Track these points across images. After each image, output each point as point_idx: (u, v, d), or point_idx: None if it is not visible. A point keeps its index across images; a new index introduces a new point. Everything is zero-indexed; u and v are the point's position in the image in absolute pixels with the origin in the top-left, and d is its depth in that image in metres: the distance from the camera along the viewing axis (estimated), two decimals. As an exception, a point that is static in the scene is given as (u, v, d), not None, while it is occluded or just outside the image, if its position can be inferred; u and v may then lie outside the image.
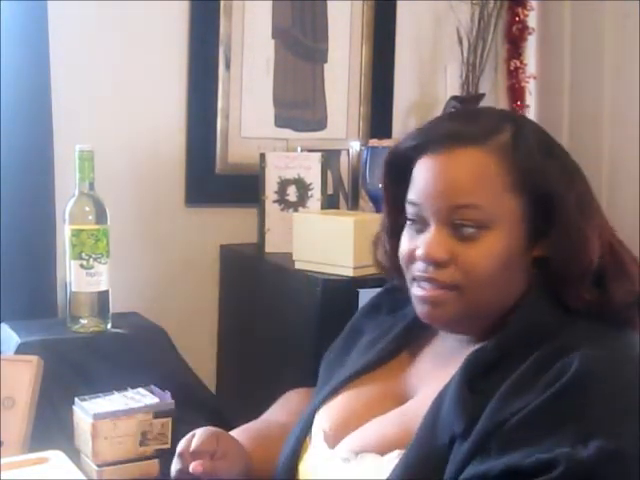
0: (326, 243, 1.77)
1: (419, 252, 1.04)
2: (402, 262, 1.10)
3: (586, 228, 1.03)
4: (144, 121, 2.14)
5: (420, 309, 1.07)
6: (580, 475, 0.86)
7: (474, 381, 0.98)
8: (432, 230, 1.04)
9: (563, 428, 0.89)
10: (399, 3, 2.42)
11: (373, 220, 1.84)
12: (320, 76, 2.35)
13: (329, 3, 2.33)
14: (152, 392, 1.60)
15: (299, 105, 2.32)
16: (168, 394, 1.59)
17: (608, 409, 0.91)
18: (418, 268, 1.06)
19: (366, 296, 1.60)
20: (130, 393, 1.60)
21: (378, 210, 2.02)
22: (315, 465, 1.11)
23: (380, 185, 1.19)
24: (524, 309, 1.04)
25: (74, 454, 1.51)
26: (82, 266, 1.76)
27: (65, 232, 1.78)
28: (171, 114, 2.17)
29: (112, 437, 1.50)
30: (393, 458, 1.00)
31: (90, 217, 1.77)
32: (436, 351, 1.14)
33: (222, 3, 2.18)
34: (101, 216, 1.78)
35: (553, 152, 1.07)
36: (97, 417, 1.50)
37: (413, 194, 1.07)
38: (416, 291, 1.07)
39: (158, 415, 1.55)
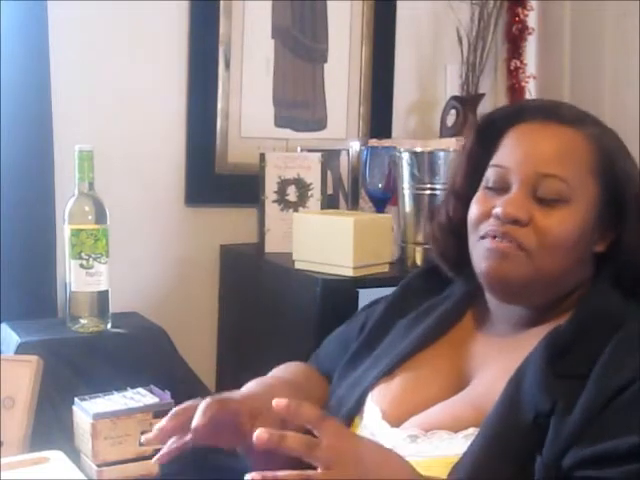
0: (326, 243, 1.77)
1: (498, 210, 1.06)
2: (471, 222, 1.11)
3: None
4: (144, 121, 2.14)
5: (486, 263, 1.07)
6: None
7: (554, 362, 1.00)
8: (514, 192, 1.06)
9: None
10: (399, 3, 2.42)
11: (373, 220, 1.85)
12: (320, 76, 2.35)
13: (329, 3, 2.33)
14: (152, 392, 1.60)
15: (299, 105, 2.32)
16: (168, 394, 1.59)
17: None
18: (491, 223, 1.07)
19: (366, 296, 1.61)
20: (130, 393, 1.60)
21: (378, 210, 2.02)
22: None
23: (463, 147, 1.21)
24: (595, 294, 1.07)
25: (74, 454, 1.51)
26: (82, 266, 1.76)
27: (65, 232, 1.78)
28: (171, 114, 2.17)
29: (112, 437, 1.50)
30: (468, 435, 1.00)
31: (90, 217, 1.77)
32: (490, 335, 1.14)
33: (222, 3, 2.18)
34: (101, 216, 1.78)
35: (632, 158, 1.13)
36: (97, 417, 1.50)
37: (501, 158, 1.10)
38: (485, 244, 1.07)
39: (158, 415, 1.54)
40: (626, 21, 2.28)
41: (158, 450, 1.54)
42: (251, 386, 1.17)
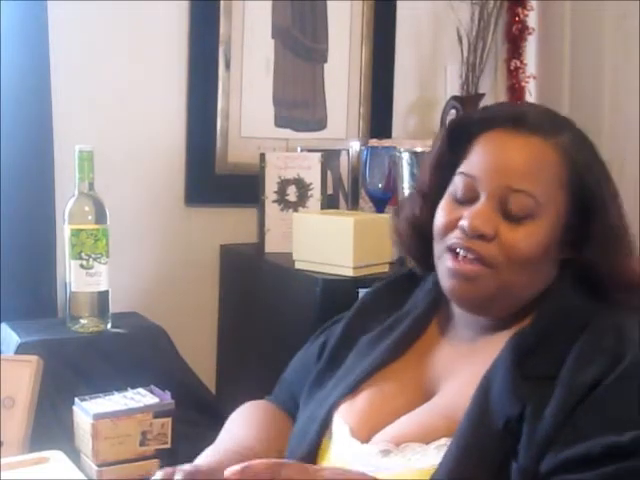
0: (326, 243, 1.77)
1: (464, 222, 1.04)
2: (437, 231, 1.10)
3: (627, 227, 1.08)
4: (144, 121, 2.14)
5: (450, 283, 1.07)
6: None
7: (521, 364, 1.00)
8: (481, 203, 1.05)
9: (636, 408, 0.92)
10: (399, 3, 2.42)
11: (373, 220, 1.85)
12: (320, 76, 2.35)
13: (329, 3, 2.33)
14: (152, 392, 1.61)
15: (299, 105, 2.32)
16: (168, 394, 1.59)
17: None
18: (457, 236, 1.06)
19: (366, 296, 1.60)
20: (130, 393, 1.60)
21: (378, 210, 2.02)
22: (345, 461, 1.09)
23: (432, 148, 1.19)
24: (557, 295, 1.06)
25: (74, 454, 1.52)
26: (82, 266, 1.76)
27: (65, 232, 1.78)
28: (171, 114, 2.17)
29: (112, 437, 1.50)
30: (440, 445, 1.00)
31: (90, 217, 1.77)
32: (455, 342, 1.14)
33: (222, 3, 2.18)
34: (101, 216, 1.78)
35: (604, 164, 1.11)
36: (97, 417, 1.50)
37: (470, 167, 1.08)
38: (448, 263, 1.06)
39: (158, 415, 1.55)
40: (626, 22, 2.28)
41: (158, 450, 1.55)
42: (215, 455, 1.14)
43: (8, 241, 1.90)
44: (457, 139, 1.13)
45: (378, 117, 2.41)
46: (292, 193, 2.09)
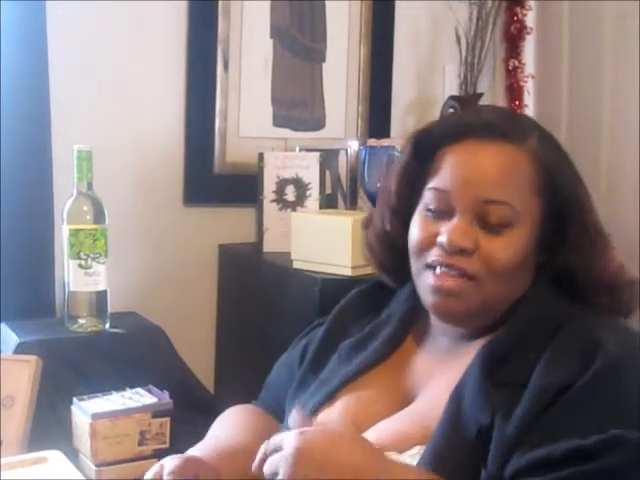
0: (324, 243, 1.77)
1: (442, 239, 1.04)
2: (414, 248, 1.09)
3: (601, 228, 1.08)
4: (142, 121, 2.14)
5: (432, 300, 1.06)
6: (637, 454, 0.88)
7: (492, 372, 0.99)
8: (458, 218, 1.04)
9: (605, 412, 0.91)
10: (397, 3, 2.42)
11: (371, 220, 1.85)
12: (318, 76, 2.35)
13: (327, 3, 2.33)
14: (150, 392, 1.60)
15: (297, 105, 2.32)
16: (166, 394, 1.59)
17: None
18: (437, 253, 1.05)
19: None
20: (128, 393, 1.60)
21: (376, 210, 2.02)
22: None
23: (398, 161, 1.18)
24: (531, 301, 1.06)
25: (73, 454, 1.52)
26: (80, 266, 1.76)
27: (63, 232, 1.78)
28: (169, 114, 2.17)
29: (110, 437, 1.50)
30: (414, 454, 1.00)
31: (88, 217, 1.77)
32: (431, 350, 1.14)
33: (220, 3, 2.18)
34: (99, 216, 1.78)
35: (572, 163, 1.10)
36: (95, 417, 1.50)
37: (441, 181, 1.07)
38: (430, 280, 1.06)
39: (156, 415, 1.55)
40: (625, 22, 2.27)
41: (157, 450, 1.55)
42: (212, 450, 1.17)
43: (7, 241, 1.90)
44: (424, 150, 1.12)
45: (376, 117, 2.41)
46: (290, 193, 2.09)
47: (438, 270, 1.05)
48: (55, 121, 1.96)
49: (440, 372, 1.09)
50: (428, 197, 1.08)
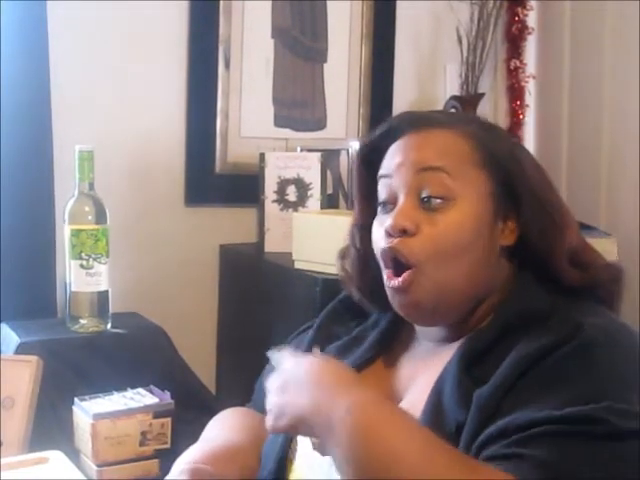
0: (325, 243, 1.77)
1: (387, 224, 1.05)
2: (375, 247, 1.10)
3: (558, 203, 1.07)
4: (144, 121, 2.14)
5: (395, 302, 1.07)
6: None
7: (470, 368, 0.99)
8: (401, 202, 1.06)
9: (574, 388, 0.90)
10: (398, 3, 2.42)
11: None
12: (319, 76, 2.35)
13: (329, 3, 2.33)
14: (152, 392, 1.61)
15: (298, 105, 2.32)
16: (168, 394, 1.59)
17: (615, 373, 0.93)
18: (385, 241, 1.06)
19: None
20: (130, 393, 1.60)
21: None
22: (309, 474, 1.10)
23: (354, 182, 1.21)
24: (514, 296, 1.05)
25: (74, 454, 1.52)
26: (82, 266, 1.76)
27: (65, 232, 1.78)
28: (170, 114, 2.17)
29: (112, 437, 1.51)
30: None
31: (90, 217, 1.77)
32: (414, 356, 1.14)
33: (221, 3, 2.18)
34: (101, 216, 1.78)
35: (521, 146, 1.12)
36: (97, 417, 1.50)
37: (384, 169, 1.10)
38: (386, 282, 1.07)
39: (158, 415, 1.55)
40: (626, 21, 2.27)
41: (159, 450, 1.55)
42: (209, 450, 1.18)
43: (8, 241, 1.90)
44: (371, 160, 1.14)
45: (378, 117, 2.40)
46: (292, 193, 2.09)
47: (388, 272, 1.06)
48: (56, 121, 1.96)
49: (422, 373, 1.09)
50: (379, 189, 1.10)
